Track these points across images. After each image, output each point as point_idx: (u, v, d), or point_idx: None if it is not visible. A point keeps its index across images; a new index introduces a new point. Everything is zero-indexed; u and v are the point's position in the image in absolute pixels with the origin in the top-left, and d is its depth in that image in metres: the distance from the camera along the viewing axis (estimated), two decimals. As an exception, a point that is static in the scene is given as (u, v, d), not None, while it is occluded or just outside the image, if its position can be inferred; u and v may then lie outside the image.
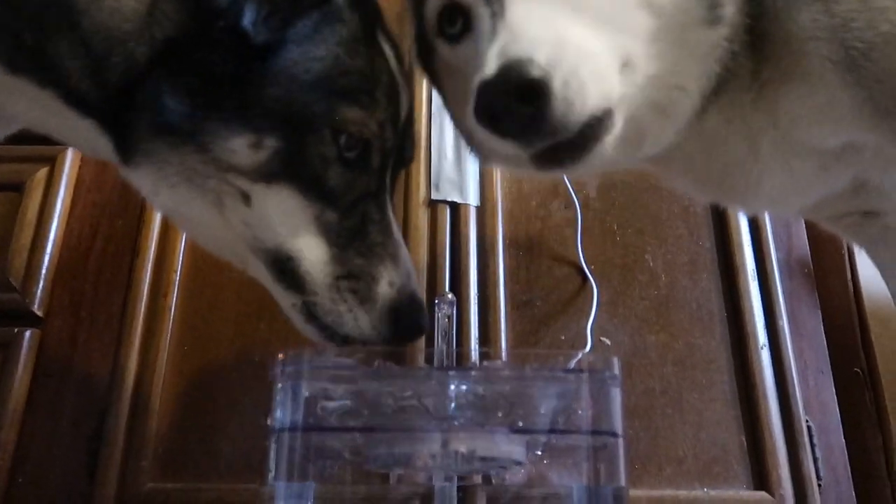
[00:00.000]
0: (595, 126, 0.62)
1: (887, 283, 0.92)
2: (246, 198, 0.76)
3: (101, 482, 1.16)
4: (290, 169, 0.76)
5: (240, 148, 0.74)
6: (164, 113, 0.72)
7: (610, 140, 0.65)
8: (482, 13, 0.67)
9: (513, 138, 0.62)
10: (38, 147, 1.31)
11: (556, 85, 0.58)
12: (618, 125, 0.65)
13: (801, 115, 0.72)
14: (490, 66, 0.59)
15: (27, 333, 1.26)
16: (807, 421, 1.20)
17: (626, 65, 0.66)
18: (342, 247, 0.81)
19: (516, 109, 0.59)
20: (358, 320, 0.81)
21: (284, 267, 0.80)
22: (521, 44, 0.60)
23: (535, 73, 0.58)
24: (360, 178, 0.82)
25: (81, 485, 1.17)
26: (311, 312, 0.81)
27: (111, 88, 0.72)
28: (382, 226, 0.85)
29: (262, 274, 0.83)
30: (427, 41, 0.78)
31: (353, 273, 0.81)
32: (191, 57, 0.72)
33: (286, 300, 0.82)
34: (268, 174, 0.75)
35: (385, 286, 0.82)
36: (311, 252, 0.80)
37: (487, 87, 0.59)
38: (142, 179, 0.77)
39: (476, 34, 0.69)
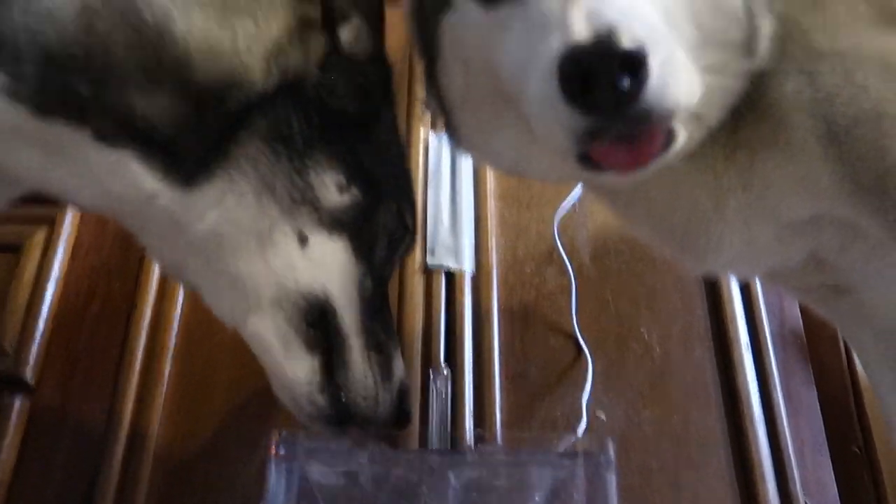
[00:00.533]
0: (673, 112, 0.57)
1: (862, 362, 0.91)
2: (303, 239, 0.78)
3: (85, 556, 1.13)
4: (355, 225, 0.81)
5: (331, 184, 0.79)
6: (282, 128, 0.76)
7: (680, 143, 0.61)
8: None
9: (600, 113, 0.54)
10: (38, 208, 1.32)
11: (654, 63, 0.53)
12: (695, 130, 0.62)
13: (777, 183, 0.72)
14: (579, 28, 0.53)
15: (17, 400, 1.24)
16: (805, 501, 1.19)
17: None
18: (371, 317, 0.83)
19: (610, 81, 0.52)
20: (379, 396, 0.81)
21: (318, 321, 0.80)
22: (615, 10, 0.53)
23: (635, 45, 0.52)
24: (394, 258, 0.86)
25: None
26: (330, 381, 0.80)
27: (211, 119, 0.74)
28: (389, 306, 0.87)
29: (266, 333, 0.80)
30: (434, 6, 0.69)
31: (379, 346, 0.83)
32: (317, 93, 0.79)
33: (299, 365, 0.79)
34: (335, 222, 0.79)
35: (399, 367, 0.84)
36: (352, 311, 0.82)
37: (579, 54, 0.52)
38: (199, 199, 0.76)
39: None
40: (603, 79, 0.52)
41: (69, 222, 1.41)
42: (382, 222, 0.85)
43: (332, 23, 0.81)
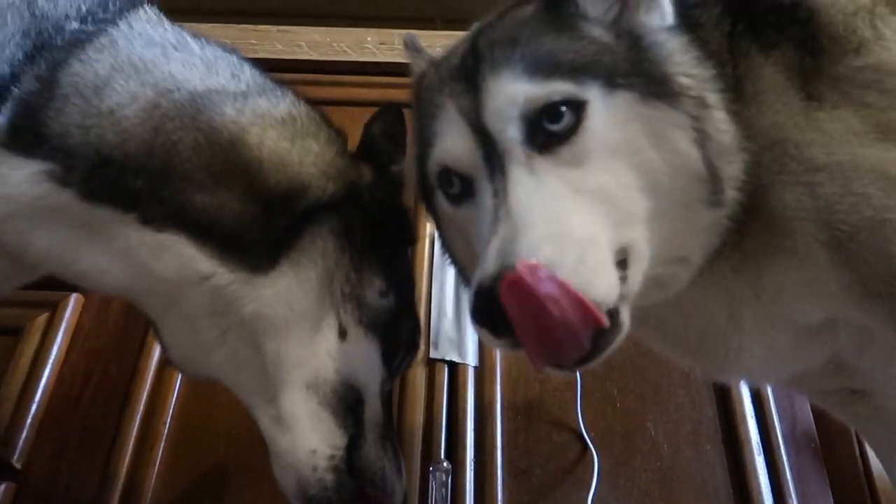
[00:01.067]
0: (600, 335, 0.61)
1: (884, 465, 0.88)
2: (343, 333, 0.86)
3: None
4: (384, 330, 0.90)
5: (376, 286, 0.90)
6: (346, 228, 0.88)
7: (619, 340, 0.63)
8: (484, 187, 0.68)
9: (508, 341, 0.61)
10: (42, 292, 1.32)
11: None
12: (626, 323, 0.64)
13: (786, 289, 0.72)
14: (489, 265, 0.60)
15: (2, 486, 1.20)
16: None
17: (629, 252, 0.66)
18: (385, 413, 0.91)
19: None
20: (395, 485, 0.88)
21: (349, 405, 0.86)
22: (522, 245, 0.60)
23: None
24: (401, 371, 0.97)
25: None
26: (348, 463, 0.83)
27: (282, 216, 0.84)
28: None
29: (298, 411, 0.83)
30: (429, 187, 0.78)
31: (389, 438, 0.90)
32: (365, 207, 0.91)
33: (323, 442, 0.83)
34: (370, 323, 0.88)
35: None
36: (376, 404, 0.89)
37: (483, 291, 0.60)
38: (261, 282, 0.82)
39: (478, 204, 0.69)
40: (498, 315, 0.58)
41: (72, 307, 1.40)
42: (403, 334, 0.94)
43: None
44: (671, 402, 1.33)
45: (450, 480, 1.08)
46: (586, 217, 0.64)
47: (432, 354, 1.34)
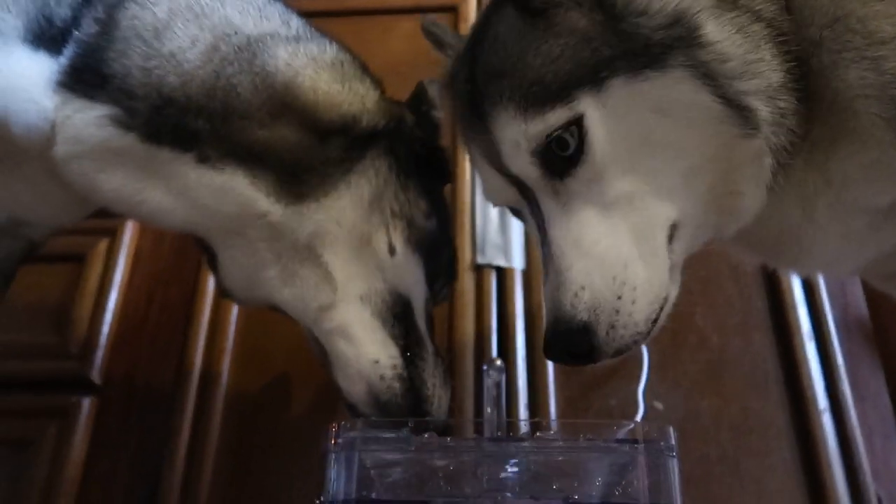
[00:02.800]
0: (650, 329, 0.71)
1: None
2: (392, 250, 0.91)
3: (153, 552, 1.17)
4: (428, 252, 0.95)
5: (422, 207, 0.95)
6: (396, 153, 0.94)
7: (668, 309, 0.73)
8: (529, 220, 0.75)
9: (572, 364, 0.74)
10: (100, 220, 1.36)
11: (600, 332, 0.68)
12: (672, 297, 0.73)
13: (852, 174, 0.71)
14: (546, 318, 0.71)
15: (85, 402, 1.29)
16: (875, 490, 1.14)
17: (677, 227, 0.70)
18: (430, 332, 0.96)
19: (572, 354, 0.71)
20: (441, 395, 0.91)
21: (402, 316, 0.91)
22: (565, 296, 0.69)
23: (580, 327, 0.68)
24: (438, 298, 1.01)
25: (134, 554, 1.18)
26: (409, 368, 0.88)
27: (338, 144, 0.90)
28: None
29: (353, 323, 0.89)
30: (474, 114, 0.78)
31: (436, 352, 0.94)
32: (409, 138, 0.97)
33: (384, 351, 0.88)
34: (417, 243, 0.93)
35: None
36: (424, 318, 0.95)
37: (548, 341, 0.71)
38: (317, 204, 0.88)
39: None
40: (558, 352, 0.72)
41: (129, 233, 1.46)
42: (444, 260, 0.99)
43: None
44: (719, 294, 1.33)
45: (503, 378, 1.11)
46: (618, 235, 0.69)
47: (479, 260, 1.36)
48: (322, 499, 0.76)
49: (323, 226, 0.88)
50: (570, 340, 0.68)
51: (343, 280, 0.89)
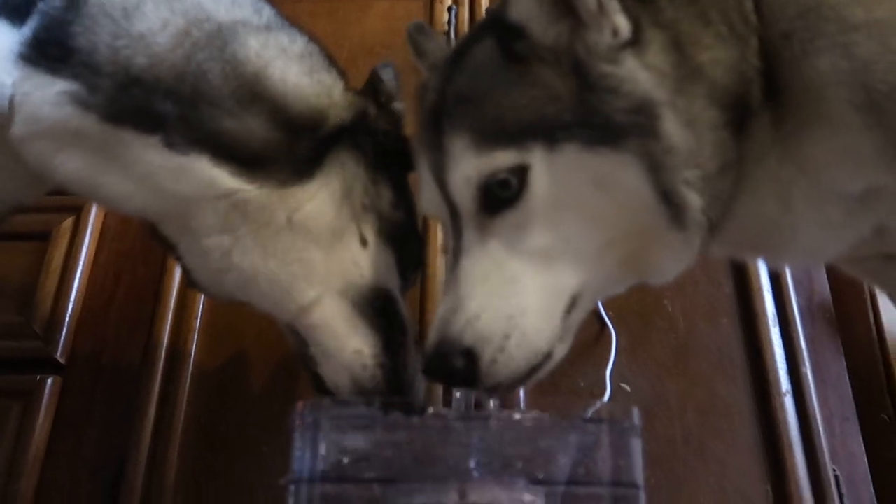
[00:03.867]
0: (527, 375, 0.73)
1: None
2: (364, 242, 0.92)
3: (119, 532, 1.16)
4: (398, 242, 0.96)
5: (388, 198, 0.95)
6: (364, 147, 0.95)
7: (550, 367, 0.75)
8: (449, 241, 0.76)
9: (448, 385, 0.78)
10: (65, 197, 1.33)
11: (484, 361, 0.70)
12: (558, 356, 0.75)
13: (825, 160, 0.72)
14: (433, 335, 0.72)
15: (49, 381, 1.27)
16: (834, 470, 1.17)
17: (577, 299, 0.73)
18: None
19: (450, 375, 0.72)
20: (421, 379, 0.92)
21: (382, 308, 0.92)
22: (459, 320, 0.70)
23: (463, 351, 0.70)
24: (407, 287, 1.01)
25: (100, 533, 1.17)
26: (390, 357, 0.89)
27: (308, 138, 0.90)
28: None
29: (334, 317, 0.89)
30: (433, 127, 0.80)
31: (418, 339, 0.95)
32: (377, 131, 0.98)
33: (365, 342, 0.89)
34: (387, 235, 0.94)
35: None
36: (398, 307, 0.95)
37: (429, 356, 0.72)
38: (288, 196, 0.87)
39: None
40: (439, 374, 0.73)
41: (95, 211, 1.43)
42: (412, 248, 1.00)
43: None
44: (688, 279, 1.35)
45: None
46: (524, 284, 0.71)
47: (451, 242, 1.36)
48: (287, 477, 0.76)
49: (299, 219, 0.88)
50: (452, 362, 0.70)
51: (322, 276, 0.90)
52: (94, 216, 1.42)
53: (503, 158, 0.70)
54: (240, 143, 0.85)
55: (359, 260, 0.92)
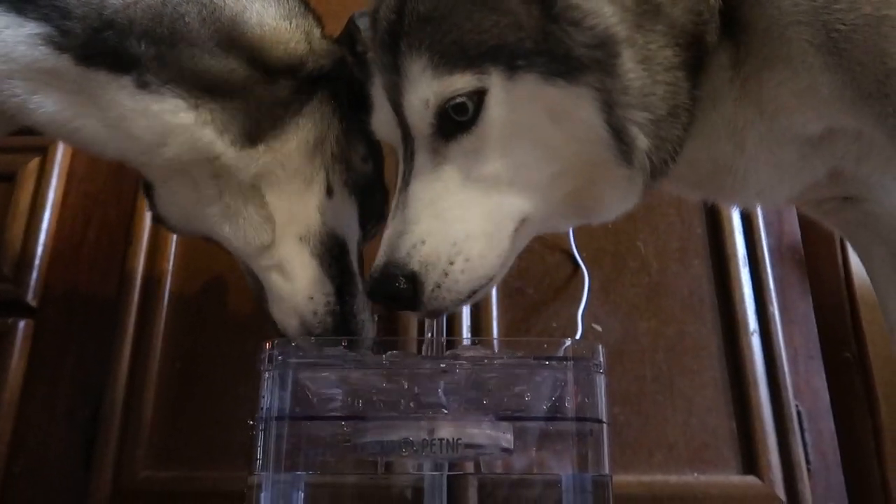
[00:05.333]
0: (468, 298, 0.74)
1: (868, 272, 0.93)
2: (330, 192, 0.93)
3: (96, 471, 1.17)
4: (363, 195, 0.97)
5: (359, 151, 0.97)
6: (339, 97, 0.94)
7: (489, 288, 0.76)
8: (401, 165, 0.76)
9: (396, 310, 0.80)
10: (30, 137, 1.30)
11: (427, 286, 0.71)
12: (496, 280, 0.75)
13: (784, 102, 0.72)
14: (380, 256, 0.73)
15: (21, 324, 1.27)
16: (797, 406, 1.21)
17: (525, 222, 0.73)
18: (360, 270, 0.98)
19: (394, 298, 0.72)
20: (369, 329, 0.95)
21: (337, 257, 0.93)
22: (405, 243, 0.72)
23: (408, 275, 0.71)
24: (368, 238, 1.03)
25: (77, 473, 1.18)
26: (341, 304, 0.91)
27: (286, 83, 0.90)
28: None
29: (292, 261, 0.90)
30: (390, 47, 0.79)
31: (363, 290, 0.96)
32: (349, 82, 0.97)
33: (317, 289, 0.90)
34: (353, 186, 0.96)
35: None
36: (355, 257, 0.97)
37: (374, 278, 0.73)
38: (263, 143, 0.87)
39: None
40: (385, 296, 0.73)
41: (62, 151, 1.40)
42: (376, 203, 1.01)
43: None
44: (662, 221, 1.35)
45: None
46: (471, 210, 0.72)
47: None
48: (256, 417, 0.77)
49: (269, 168, 0.88)
50: (396, 285, 0.71)
51: (283, 221, 0.90)
52: (60, 157, 1.39)
53: (461, 82, 0.69)
54: (220, 87, 0.84)
55: (323, 208, 0.93)
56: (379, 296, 0.74)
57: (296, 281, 0.90)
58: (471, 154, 0.72)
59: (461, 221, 0.72)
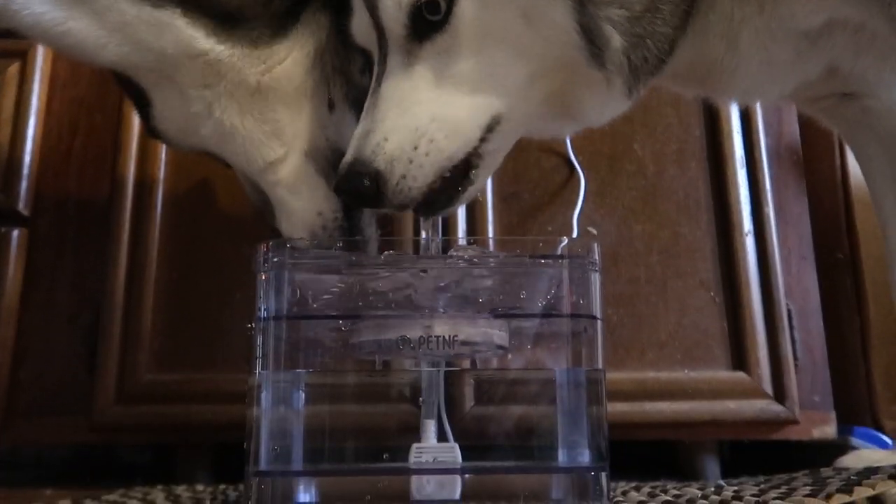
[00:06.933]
0: (437, 187, 0.73)
1: (863, 171, 0.93)
2: (332, 106, 0.91)
3: (100, 375, 1.20)
4: (362, 106, 0.91)
5: (359, 65, 0.93)
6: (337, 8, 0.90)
7: (472, 191, 0.77)
8: (376, 68, 0.76)
9: (358, 205, 0.82)
10: (8, 41, 1.26)
11: (392, 181, 0.71)
12: (481, 177, 0.75)
13: None
14: (348, 154, 0.74)
15: (15, 233, 1.26)
16: (787, 305, 1.23)
17: (500, 119, 0.73)
18: None
19: (358, 195, 0.73)
20: (375, 241, 0.93)
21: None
22: (372, 141, 0.72)
23: (372, 173, 0.71)
24: None
25: (81, 378, 1.21)
26: (346, 224, 0.90)
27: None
28: None
29: (298, 176, 0.89)
30: None
31: None
32: None
33: (326, 204, 0.89)
34: (353, 101, 0.93)
35: None
36: None
37: (342, 174, 0.74)
38: (264, 55, 0.87)
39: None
40: (353, 192, 0.74)
41: (42, 54, 1.35)
42: None
43: None
44: (660, 122, 1.33)
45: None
46: (440, 108, 0.71)
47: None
48: (255, 318, 0.77)
49: (269, 80, 0.87)
50: (361, 183, 0.72)
51: (290, 136, 0.89)
52: (41, 62, 1.35)
53: None
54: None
55: (325, 122, 0.91)
56: (344, 193, 0.76)
57: (304, 197, 0.89)
58: (443, 54, 0.72)
59: (427, 115, 0.72)
